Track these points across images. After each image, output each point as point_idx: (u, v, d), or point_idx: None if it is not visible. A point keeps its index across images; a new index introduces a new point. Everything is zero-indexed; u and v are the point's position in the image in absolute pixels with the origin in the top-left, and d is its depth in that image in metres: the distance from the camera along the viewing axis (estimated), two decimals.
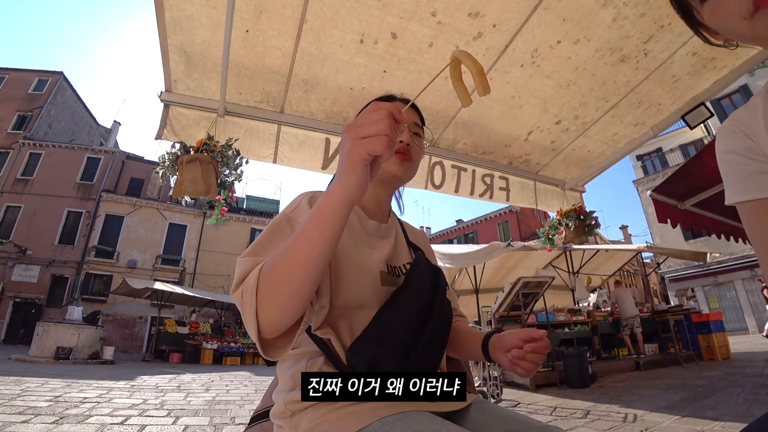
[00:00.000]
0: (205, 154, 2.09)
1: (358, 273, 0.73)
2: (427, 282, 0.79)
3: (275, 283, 0.56)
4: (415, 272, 0.79)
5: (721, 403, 3.73)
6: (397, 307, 0.72)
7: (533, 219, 24.57)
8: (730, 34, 0.54)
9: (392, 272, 0.81)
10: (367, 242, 0.81)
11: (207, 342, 13.95)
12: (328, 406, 0.65)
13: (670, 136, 20.74)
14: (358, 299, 0.71)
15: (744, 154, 0.57)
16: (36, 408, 3.70)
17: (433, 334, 0.73)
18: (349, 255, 0.74)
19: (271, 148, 2.42)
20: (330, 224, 0.54)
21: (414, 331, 0.71)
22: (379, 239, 0.85)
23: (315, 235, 0.54)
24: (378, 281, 0.76)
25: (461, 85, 0.63)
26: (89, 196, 21.49)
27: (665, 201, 3.63)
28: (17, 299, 19.09)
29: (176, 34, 1.85)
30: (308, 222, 0.56)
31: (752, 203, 0.55)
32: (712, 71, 2.29)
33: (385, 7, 1.79)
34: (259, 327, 0.57)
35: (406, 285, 0.76)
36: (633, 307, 7.52)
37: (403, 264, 0.85)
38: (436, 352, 0.76)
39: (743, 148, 0.57)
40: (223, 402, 4.76)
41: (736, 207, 0.58)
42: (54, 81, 24.42)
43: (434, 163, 2.80)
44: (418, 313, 0.72)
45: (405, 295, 0.74)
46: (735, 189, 0.58)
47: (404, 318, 0.71)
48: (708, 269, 18.32)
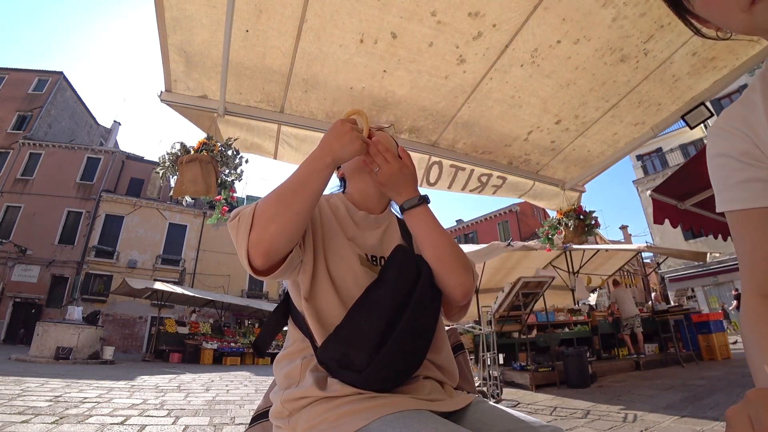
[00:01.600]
0: (204, 153, 2.09)
1: (345, 252, 0.80)
2: (408, 273, 0.77)
3: (271, 205, 0.69)
4: (391, 264, 0.79)
5: (721, 403, 3.73)
6: (368, 302, 0.73)
7: (533, 219, 24.57)
8: (726, 26, 0.49)
9: (374, 262, 0.84)
10: (354, 230, 0.87)
11: (207, 342, 13.95)
12: (326, 405, 0.64)
13: (670, 136, 20.74)
14: (339, 273, 0.78)
15: (739, 159, 0.52)
16: (36, 408, 3.70)
17: (408, 328, 0.71)
18: (337, 236, 0.82)
19: (271, 148, 2.42)
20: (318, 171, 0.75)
21: (385, 326, 0.70)
22: (368, 230, 0.89)
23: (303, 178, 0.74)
24: (358, 263, 0.80)
25: None
26: (89, 196, 21.49)
27: (665, 201, 3.63)
28: (17, 299, 19.09)
29: (176, 33, 1.85)
30: (299, 167, 0.75)
31: (742, 213, 0.52)
32: (712, 71, 2.29)
33: (385, 6, 1.79)
34: (248, 248, 0.67)
35: (380, 278, 0.77)
36: (633, 307, 7.53)
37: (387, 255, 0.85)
38: (415, 345, 0.74)
39: (740, 151, 0.53)
40: (223, 402, 4.76)
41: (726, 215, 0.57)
42: (54, 81, 24.42)
43: (433, 162, 2.80)
44: (391, 307, 0.72)
45: (379, 289, 0.74)
46: (725, 196, 0.54)
47: (375, 313, 0.71)
48: (708, 269, 18.31)
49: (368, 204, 0.93)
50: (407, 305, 0.73)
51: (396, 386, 0.71)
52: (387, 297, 0.73)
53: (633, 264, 20.82)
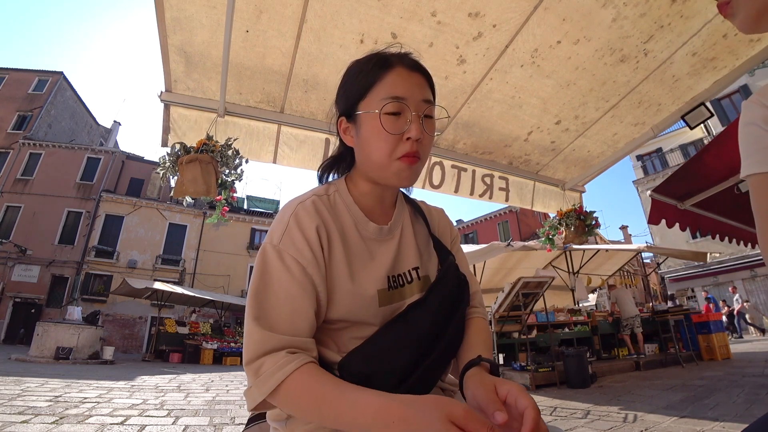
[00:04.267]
0: (204, 154, 2.09)
1: (351, 300, 0.65)
2: (449, 296, 0.71)
3: (293, 407, 0.56)
4: (439, 286, 0.71)
5: (721, 403, 3.72)
6: (405, 326, 0.65)
7: (533, 219, 24.57)
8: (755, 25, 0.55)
9: (394, 284, 0.70)
10: (365, 254, 0.70)
11: (207, 342, 13.93)
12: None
13: (670, 136, 20.74)
14: (352, 319, 0.66)
15: (763, 126, 0.56)
16: (36, 408, 3.70)
17: (439, 357, 0.67)
18: (342, 281, 0.65)
19: (271, 148, 2.42)
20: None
21: (417, 354, 0.65)
22: (380, 243, 0.73)
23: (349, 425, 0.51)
24: (375, 303, 0.67)
25: None
26: (89, 196, 21.49)
27: (665, 201, 3.63)
28: (17, 299, 19.09)
29: (176, 34, 1.85)
30: (352, 415, 0.51)
31: (764, 176, 0.55)
32: (712, 71, 2.29)
33: (385, 7, 1.79)
34: (254, 409, 0.59)
35: (425, 299, 0.69)
36: (633, 307, 7.53)
37: (408, 270, 0.73)
38: (440, 372, 0.70)
39: (762, 118, 0.56)
40: (223, 402, 4.75)
41: (736, 199, 0.58)
42: (54, 81, 24.42)
43: (434, 163, 2.80)
44: (428, 335, 0.66)
45: (419, 311, 0.67)
46: (750, 161, 0.57)
47: (410, 340, 0.64)
48: (708, 269, 18.31)
49: (381, 211, 0.76)
50: (444, 332, 0.67)
51: None
52: (426, 322, 0.66)
53: (633, 264, 20.83)
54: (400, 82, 0.66)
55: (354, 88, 0.70)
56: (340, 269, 0.66)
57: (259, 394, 0.56)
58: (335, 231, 0.67)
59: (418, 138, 0.65)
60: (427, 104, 0.68)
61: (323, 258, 0.64)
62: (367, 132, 0.67)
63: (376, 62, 0.69)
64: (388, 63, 0.68)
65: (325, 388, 0.54)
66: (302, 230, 0.63)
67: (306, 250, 0.62)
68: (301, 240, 0.62)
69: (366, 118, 0.67)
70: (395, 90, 0.66)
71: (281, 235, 0.63)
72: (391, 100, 0.65)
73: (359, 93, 0.68)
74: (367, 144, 0.67)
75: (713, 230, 3.92)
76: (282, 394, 0.55)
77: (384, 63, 0.68)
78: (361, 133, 0.68)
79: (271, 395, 0.55)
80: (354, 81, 0.70)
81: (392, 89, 0.66)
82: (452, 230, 0.88)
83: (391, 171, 0.67)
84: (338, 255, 0.66)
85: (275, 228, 0.65)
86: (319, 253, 0.63)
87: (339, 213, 0.71)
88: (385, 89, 0.66)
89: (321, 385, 0.54)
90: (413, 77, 0.69)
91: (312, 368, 0.57)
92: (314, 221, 0.64)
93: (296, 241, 0.62)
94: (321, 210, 0.67)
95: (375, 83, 0.67)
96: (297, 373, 0.55)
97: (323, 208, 0.68)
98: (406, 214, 0.80)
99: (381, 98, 0.65)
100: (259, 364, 0.57)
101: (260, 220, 24.50)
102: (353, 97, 0.69)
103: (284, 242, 0.62)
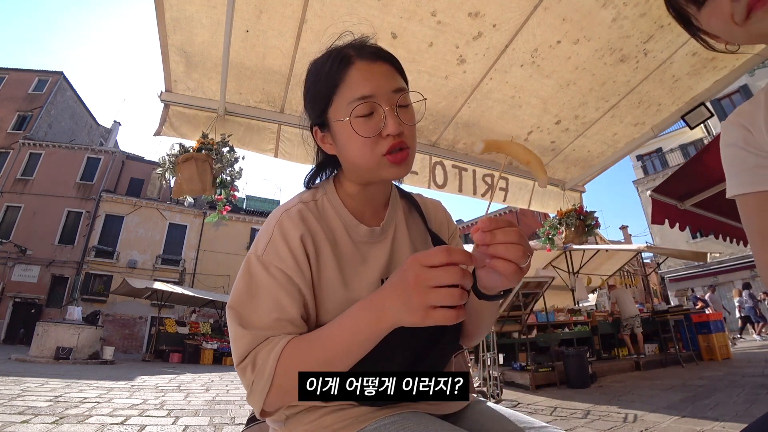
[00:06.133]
0: (200, 152, 2.09)
1: (347, 306, 0.60)
2: None
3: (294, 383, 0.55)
4: None
5: (721, 403, 3.73)
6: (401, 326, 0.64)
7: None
8: (729, 38, 0.55)
9: None
10: (357, 258, 0.68)
11: (207, 342, 13.93)
12: (323, 410, 0.63)
13: (670, 136, 20.75)
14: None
15: (744, 147, 0.58)
16: (36, 408, 3.70)
17: (439, 358, 0.68)
18: (335, 289, 0.64)
19: (272, 145, 2.42)
20: (373, 341, 0.54)
21: (416, 354, 0.64)
22: (373, 246, 0.70)
23: (355, 349, 0.54)
24: None
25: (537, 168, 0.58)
26: (89, 196, 21.49)
27: (665, 201, 3.63)
28: (17, 299, 19.09)
29: (176, 34, 1.85)
30: (349, 337, 0.54)
31: (751, 196, 0.56)
32: (712, 71, 2.29)
33: (385, 7, 1.79)
34: (263, 408, 0.58)
35: None
36: (633, 307, 7.54)
37: None
38: (437, 369, 0.70)
39: (743, 140, 0.58)
40: (223, 402, 4.76)
41: (735, 201, 0.59)
42: (54, 81, 24.42)
43: (435, 163, 2.80)
44: (427, 333, 0.63)
45: None
46: (734, 182, 0.59)
47: (407, 338, 0.60)
48: (708, 269, 18.32)
49: (373, 212, 0.73)
50: (443, 331, 0.65)
51: None
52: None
53: (633, 264, 20.81)
54: (363, 79, 0.61)
55: (318, 95, 0.66)
56: (332, 277, 0.64)
57: (264, 383, 0.55)
58: (323, 239, 0.66)
59: (397, 133, 0.61)
60: (399, 93, 0.63)
61: (309, 267, 0.63)
62: (343, 139, 0.64)
63: (334, 60, 0.63)
64: (346, 59, 0.63)
65: (320, 333, 0.57)
66: (286, 240, 0.62)
67: (290, 259, 0.61)
68: (285, 250, 0.62)
69: (339, 126, 0.64)
70: (360, 89, 0.61)
71: (265, 246, 0.63)
72: (358, 102, 0.60)
73: (324, 101, 0.65)
74: (347, 150, 0.65)
75: (717, 230, 3.93)
76: (282, 369, 0.55)
77: (342, 60, 0.63)
78: (338, 140, 0.66)
79: (276, 383, 0.55)
80: (316, 87, 0.66)
81: (357, 89, 0.61)
82: (450, 224, 0.85)
83: (379, 169, 0.64)
84: (329, 262, 0.65)
85: (260, 238, 0.65)
86: (303, 262, 0.62)
87: (328, 218, 0.69)
88: (350, 90, 0.61)
89: (315, 336, 0.57)
90: (377, 68, 0.63)
91: (298, 337, 0.59)
92: (299, 230, 0.63)
93: (280, 251, 0.62)
94: (307, 218, 0.66)
95: (338, 86, 0.62)
96: (290, 344, 0.56)
97: (309, 215, 0.66)
98: (401, 211, 0.77)
99: (348, 102, 0.61)
100: (253, 356, 0.57)
101: (260, 220, 24.49)
102: (319, 106, 0.66)
103: (268, 252, 0.62)
